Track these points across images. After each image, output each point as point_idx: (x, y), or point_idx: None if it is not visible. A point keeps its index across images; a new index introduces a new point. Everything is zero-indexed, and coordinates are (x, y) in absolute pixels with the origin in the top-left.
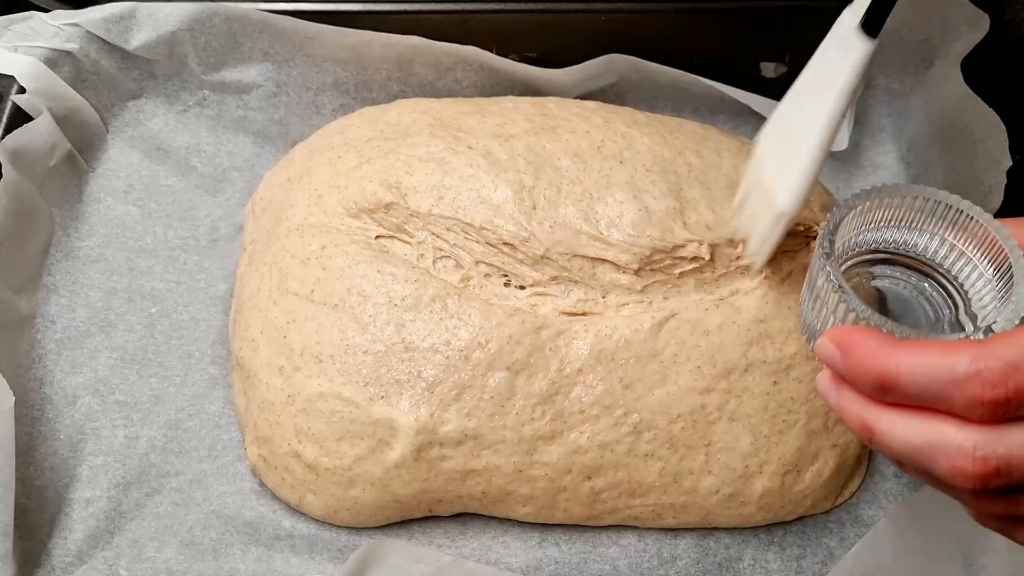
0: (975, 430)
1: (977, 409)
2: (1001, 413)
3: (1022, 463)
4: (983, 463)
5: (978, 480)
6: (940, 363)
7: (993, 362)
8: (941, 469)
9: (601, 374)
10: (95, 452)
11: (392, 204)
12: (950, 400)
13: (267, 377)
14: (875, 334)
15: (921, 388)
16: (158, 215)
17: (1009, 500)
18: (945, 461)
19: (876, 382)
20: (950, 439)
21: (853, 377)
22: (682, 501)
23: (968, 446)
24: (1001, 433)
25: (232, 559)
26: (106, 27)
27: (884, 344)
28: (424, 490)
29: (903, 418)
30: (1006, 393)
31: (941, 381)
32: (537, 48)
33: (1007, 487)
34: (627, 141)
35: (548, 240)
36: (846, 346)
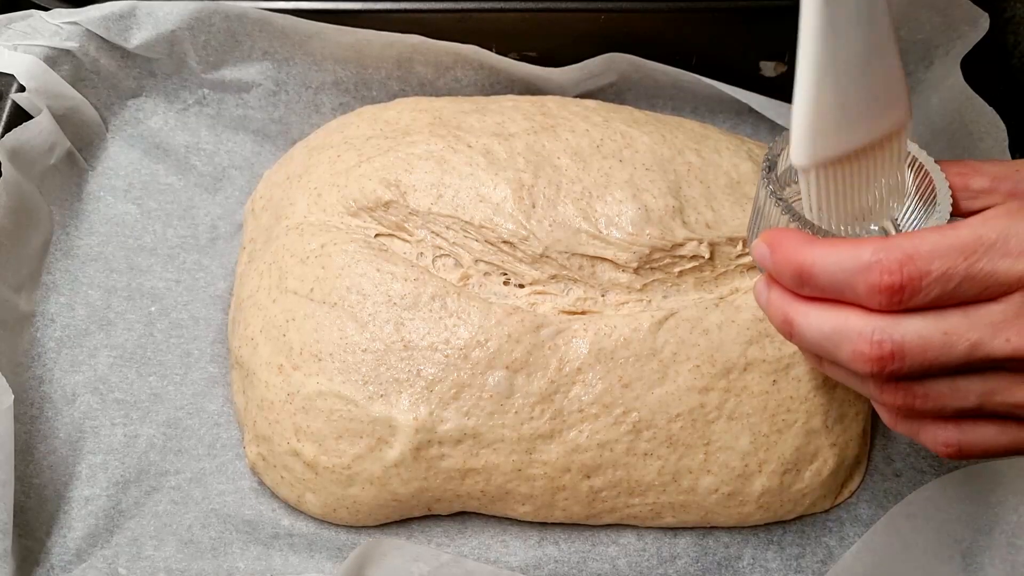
0: (875, 317)
1: (876, 296)
2: (897, 300)
3: (914, 348)
4: (879, 346)
5: (875, 363)
6: (848, 253)
7: (892, 252)
8: (844, 355)
9: (600, 373)
10: (94, 450)
11: (391, 202)
12: (855, 289)
13: (266, 375)
14: (799, 233)
15: (831, 278)
16: (158, 213)
17: (907, 390)
18: (848, 346)
19: (795, 274)
20: (853, 325)
21: (778, 272)
22: (681, 500)
23: (867, 331)
24: (898, 320)
25: (231, 557)
26: (106, 25)
27: (805, 240)
28: (423, 489)
29: (816, 309)
30: (901, 279)
31: (848, 271)
32: (537, 47)
33: (902, 373)
34: (626, 140)
35: (547, 239)
36: (773, 243)
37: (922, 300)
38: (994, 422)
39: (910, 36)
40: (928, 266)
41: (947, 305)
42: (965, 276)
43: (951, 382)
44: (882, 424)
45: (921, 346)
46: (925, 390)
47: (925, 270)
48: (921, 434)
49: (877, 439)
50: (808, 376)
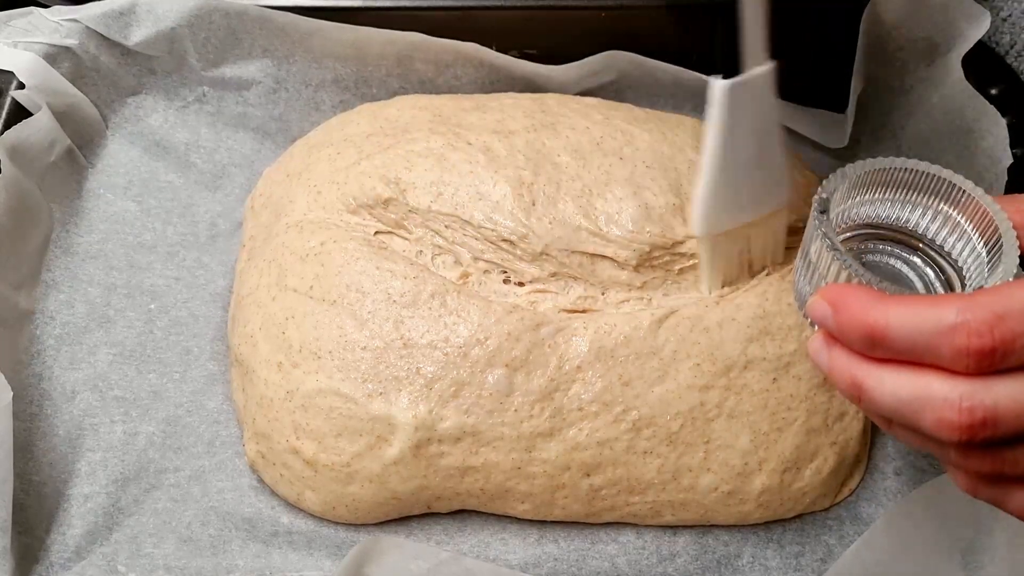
0: (962, 382)
1: (963, 359)
2: (988, 363)
3: (1008, 414)
4: (969, 414)
5: (964, 432)
6: (928, 314)
7: (979, 312)
8: (928, 422)
9: (600, 371)
10: (94, 448)
11: (391, 200)
12: (937, 351)
13: (266, 373)
14: (866, 290)
15: (909, 340)
16: (157, 211)
17: (996, 456)
18: (931, 414)
19: (865, 335)
20: (936, 391)
21: (843, 333)
22: (681, 498)
23: (954, 397)
24: (988, 384)
25: (230, 555)
26: (106, 23)
27: (874, 298)
28: (422, 487)
29: (892, 373)
30: (992, 342)
31: (928, 332)
32: (537, 45)
33: (993, 440)
34: (627, 137)
35: (547, 236)
36: (837, 302)
37: (1013, 362)
38: None
39: (911, 34)
40: (1020, 326)
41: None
42: None
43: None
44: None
45: (1015, 411)
46: (1016, 456)
47: (1018, 331)
48: (1008, 501)
49: (877, 438)
50: (808, 375)
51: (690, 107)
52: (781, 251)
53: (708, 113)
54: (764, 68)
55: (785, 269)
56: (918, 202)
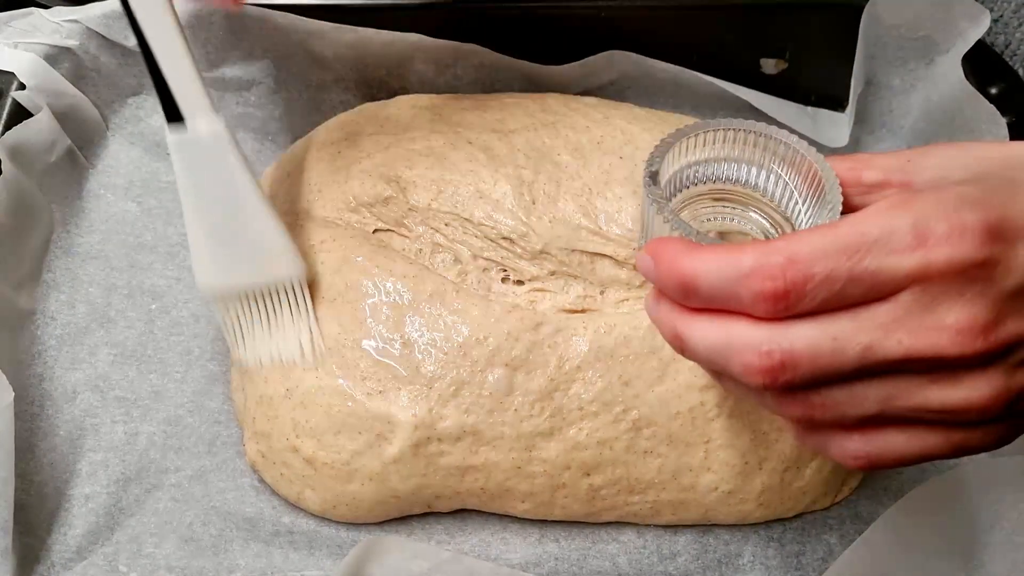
0: (762, 327)
1: (760, 304)
2: (783, 306)
3: (804, 356)
4: (768, 357)
5: (766, 375)
6: (729, 260)
7: (773, 257)
8: (735, 368)
9: (600, 371)
10: (95, 448)
11: (391, 198)
12: (739, 297)
13: (265, 371)
14: (681, 241)
15: (715, 288)
16: (158, 212)
17: (804, 400)
18: (737, 359)
19: (678, 284)
20: (739, 336)
21: (662, 283)
22: (681, 498)
23: (755, 341)
24: (785, 327)
25: (232, 555)
26: (106, 23)
27: (687, 248)
28: (422, 485)
29: (704, 321)
30: (784, 285)
31: (730, 279)
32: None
33: (795, 383)
34: (627, 137)
35: (547, 235)
36: (656, 254)
37: (808, 305)
38: (900, 428)
39: (911, 33)
40: (811, 268)
41: (835, 308)
42: (850, 277)
43: (848, 389)
44: None
45: (811, 354)
46: (822, 399)
47: (808, 273)
48: (829, 447)
49: None
50: None
51: (690, 107)
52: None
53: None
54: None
55: None
56: (753, 161)
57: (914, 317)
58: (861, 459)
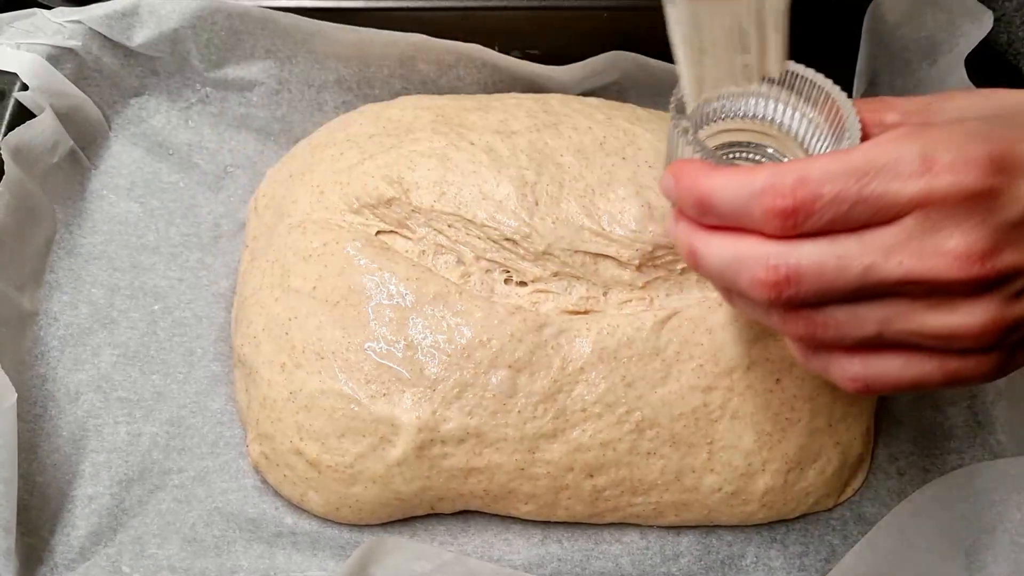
0: (771, 243)
1: (771, 220)
2: (791, 223)
3: (809, 272)
4: (774, 271)
5: (771, 288)
6: (744, 179)
7: (785, 177)
8: (744, 282)
9: (603, 372)
10: (97, 449)
11: (394, 199)
12: (751, 214)
13: (269, 374)
14: (701, 164)
15: (729, 205)
16: (160, 212)
17: (808, 318)
18: (746, 273)
19: (696, 203)
20: (749, 251)
21: (681, 201)
22: (684, 499)
23: (763, 256)
24: (793, 245)
25: (234, 556)
26: (108, 24)
27: (706, 169)
28: (426, 488)
29: (718, 237)
30: (793, 203)
31: (744, 197)
32: (540, 45)
33: (799, 299)
34: (629, 137)
35: (550, 236)
36: (677, 173)
37: (816, 224)
38: (898, 353)
39: (913, 33)
40: (820, 189)
41: (841, 230)
42: (857, 199)
43: (850, 309)
44: (885, 423)
45: (816, 270)
46: (824, 318)
47: (817, 193)
48: (830, 369)
49: (881, 437)
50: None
51: None
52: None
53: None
54: None
55: None
56: (775, 96)
57: (915, 241)
58: (859, 382)
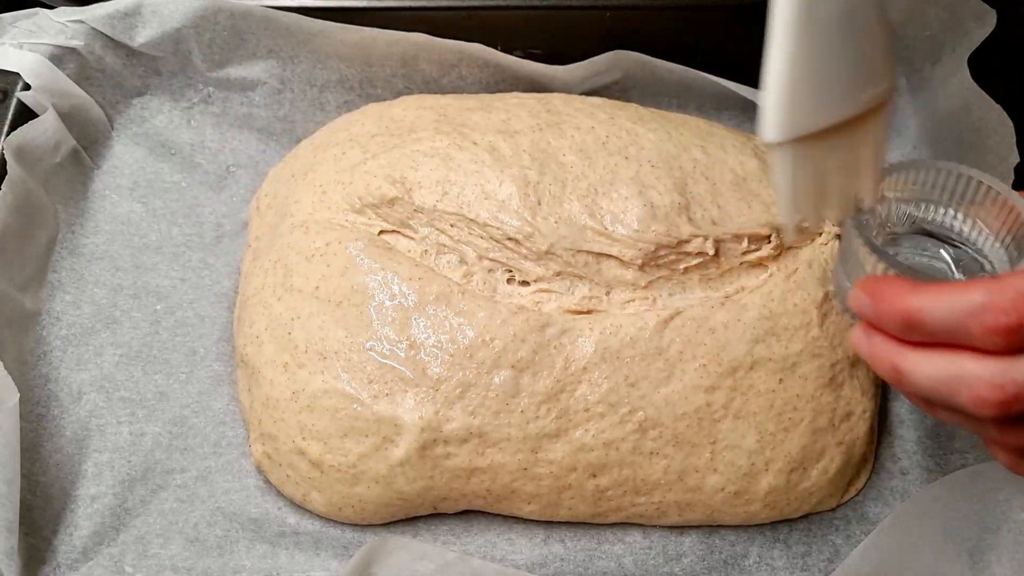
0: (993, 360)
1: (992, 338)
2: (1016, 340)
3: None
4: (1001, 390)
5: (998, 407)
6: (958, 297)
7: (1006, 292)
8: (963, 399)
9: (606, 372)
10: (100, 449)
11: (397, 199)
12: (968, 332)
13: (271, 374)
14: (902, 280)
15: (942, 322)
16: (163, 212)
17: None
18: (967, 391)
19: (902, 321)
20: (970, 370)
21: (882, 320)
22: (687, 499)
23: (987, 375)
24: (1017, 360)
25: (237, 555)
26: (111, 24)
27: (910, 287)
28: (429, 488)
29: (928, 356)
30: (1018, 320)
31: (959, 314)
32: (542, 45)
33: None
34: (632, 137)
35: (552, 235)
36: (875, 292)
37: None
38: None
39: (917, 33)
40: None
41: None
42: None
43: None
44: (888, 422)
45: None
46: None
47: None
48: None
49: (884, 437)
50: (814, 375)
51: (695, 106)
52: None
53: None
54: None
55: (790, 269)
56: (947, 202)
57: None
58: None
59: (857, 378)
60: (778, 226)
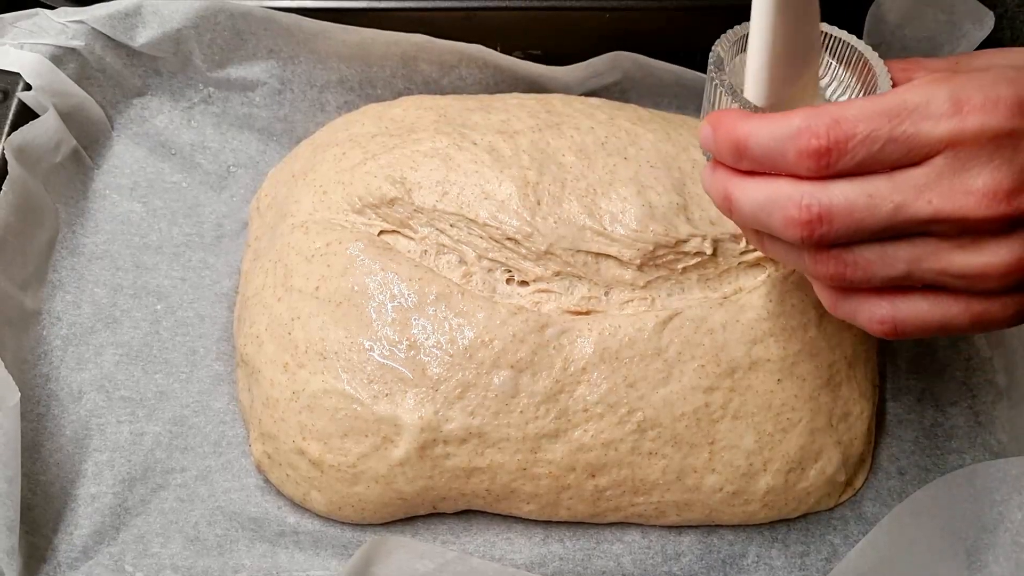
0: (804, 184)
1: (804, 161)
2: (824, 164)
3: (841, 211)
4: (807, 210)
5: (803, 227)
6: (780, 123)
7: (820, 118)
8: (776, 222)
9: (605, 373)
10: (100, 448)
11: (396, 199)
12: (786, 157)
13: (271, 373)
14: (739, 112)
15: (764, 148)
16: (163, 212)
17: (838, 258)
18: (779, 213)
19: (732, 148)
20: (783, 192)
21: (718, 149)
22: (686, 499)
23: (796, 196)
24: (826, 185)
25: (237, 555)
26: (111, 24)
27: (742, 116)
28: (428, 487)
29: (752, 181)
30: (827, 143)
31: (779, 139)
32: (541, 45)
33: (830, 238)
34: (631, 137)
35: (552, 235)
36: (715, 122)
37: (848, 164)
38: (925, 294)
39: (915, 34)
40: (853, 129)
41: (873, 170)
42: (889, 138)
43: (880, 248)
44: (886, 422)
45: (847, 209)
46: (855, 257)
47: (850, 133)
48: (858, 314)
49: (882, 438)
50: (813, 375)
51: (693, 107)
52: None
53: None
54: None
55: (788, 270)
56: None
57: (944, 180)
58: (887, 324)
59: (855, 379)
60: None
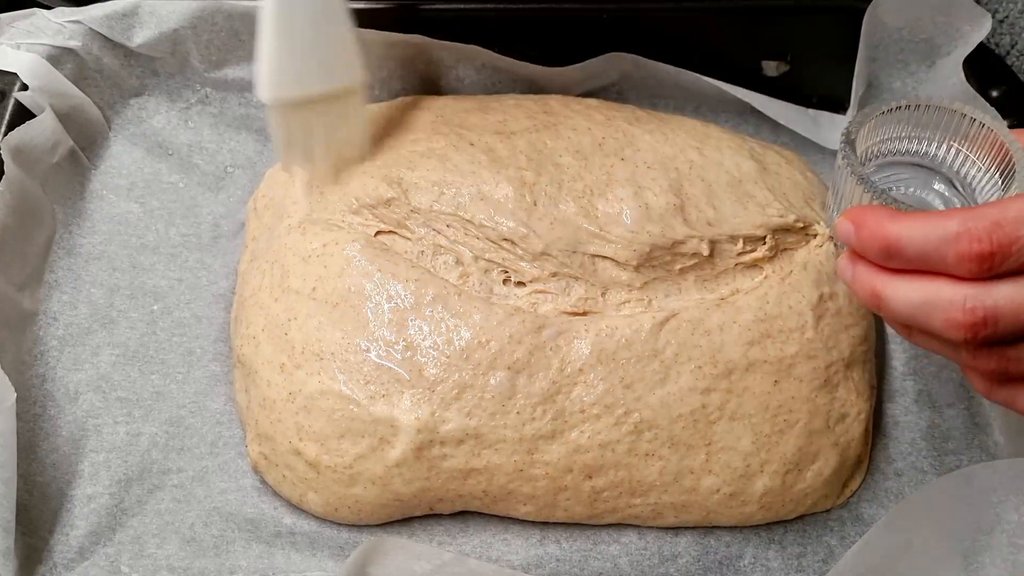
0: (966, 285)
1: (966, 264)
2: (987, 267)
3: (1007, 312)
4: (971, 313)
5: (968, 330)
6: (935, 224)
7: (980, 221)
8: (937, 323)
9: (602, 374)
10: (97, 449)
11: (393, 200)
12: (944, 258)
13: (268, 374)
14: (884, 209)
15: (920, 249)
16: (160, 212)
17: (1000, 354)
18: (940, 315)
19: (882, 248)
20: (944, 295)
21: (864, 247)
22: (683, 500)
23: (959, 299)
24: (989, 287)
25: (233, 556)
26: (109, 24)
27: (891, 215)
28: (425, 489)
29: (906, 281)
30: (990, 247)
31: (936, 241)
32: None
33: (995, 338)
34: (628, 138)
35: (548, 236)
36: (858, 220)
37: (1011, 266)
38: None
39: (912, 36)
40: (1016, 232)
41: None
42: None
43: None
44: (883, 424)
45: (1013, 310)
46: (1017, 353)
47: (1014, 236)
48: (1017, 401)
49: (879, 439)
50: (810, 376)
51: (691, 108)
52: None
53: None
54: None
55: (784, 271)
56: (936, 138)
57: None
58: None
59: (852, 380)
60: (774, 228)
